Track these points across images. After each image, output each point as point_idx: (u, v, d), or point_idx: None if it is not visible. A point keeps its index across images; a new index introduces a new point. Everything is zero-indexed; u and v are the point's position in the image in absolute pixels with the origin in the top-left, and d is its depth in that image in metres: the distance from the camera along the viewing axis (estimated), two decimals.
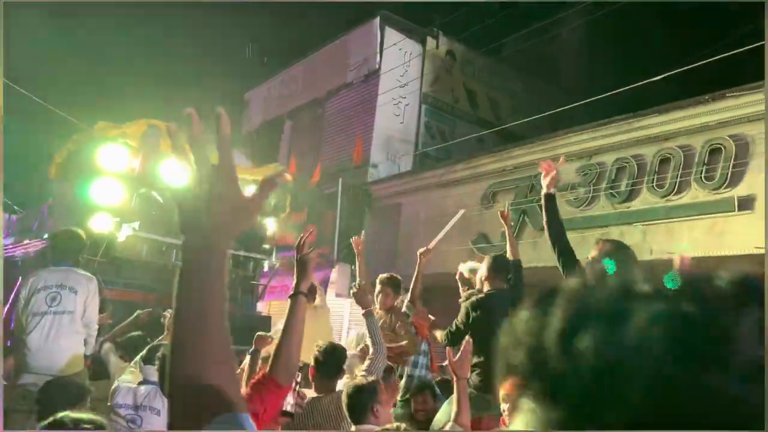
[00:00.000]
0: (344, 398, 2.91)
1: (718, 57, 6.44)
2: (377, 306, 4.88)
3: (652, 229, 6.99)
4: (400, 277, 5.25)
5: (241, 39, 15.76)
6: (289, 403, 2.17)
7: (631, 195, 7.23)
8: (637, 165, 7.24)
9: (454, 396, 2.85)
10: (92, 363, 4.90)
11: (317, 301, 5.59)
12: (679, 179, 6.78)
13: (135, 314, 5.56)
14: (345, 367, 3.36)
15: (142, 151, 6.65)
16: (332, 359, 3.26)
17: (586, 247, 7.65)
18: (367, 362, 3.25)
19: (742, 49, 6.15)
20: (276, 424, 2.16)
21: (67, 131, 7.06)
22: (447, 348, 3.01)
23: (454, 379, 2.85)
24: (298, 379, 2.20)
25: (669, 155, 6.97)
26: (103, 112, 7.59)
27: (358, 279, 4.85)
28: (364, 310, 3.55)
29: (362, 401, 2.83)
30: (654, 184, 7.01)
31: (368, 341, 3.40)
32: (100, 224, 6.27)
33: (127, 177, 6.47)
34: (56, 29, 11.99)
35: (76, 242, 4.94)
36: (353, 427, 2.86)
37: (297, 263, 2.37)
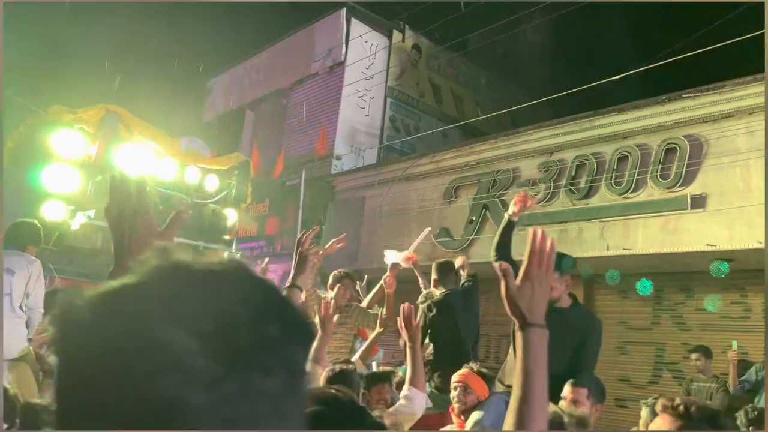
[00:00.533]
0: (328, 378, 2.87)
1: (676, 58, 6.61)
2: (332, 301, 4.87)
3: (609, 225, 7.15)
4: (348, 271, 5.25)
5: (203, 25, 15.43)
6: None
7: (590, 192, 7.38)
8: (597, 162, 7.39)
9: (408, 362, 2.88)
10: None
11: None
12: (636, 177, 6.95)
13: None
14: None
15: (99, 137, 6.47)
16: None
17: None
18: None
19: (699, 51, 6.33)
20: None
21: (19, 114, 6.79)
22: (398, 318, 3.02)
23: (407, 345, 2.85)
24: None
25: (627, 153, 7.13)
26: (58, 96, 7.33)
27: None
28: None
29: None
30: (612, 181, 7.17)
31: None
32: (52, 212, 6.07)
33: (82, 164, 6.28)
34: (12, 11, 11.51)
35: (29, 229, 4.92)
36: None
37: (297, 257, 2.32)
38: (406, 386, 2.87)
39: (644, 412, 3.65)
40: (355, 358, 3.65)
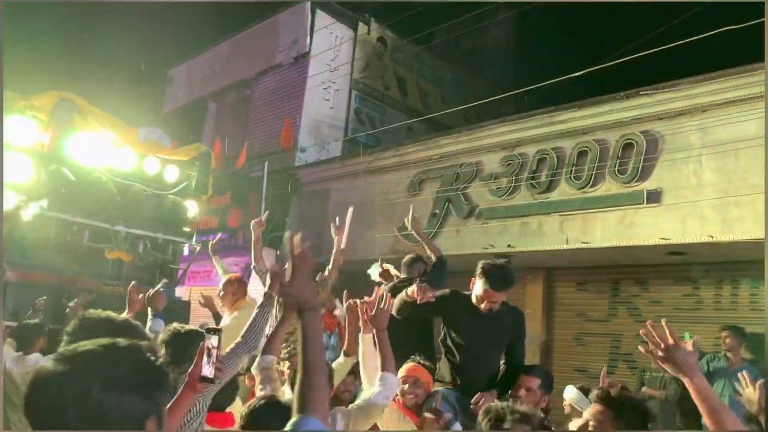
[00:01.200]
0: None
1: (634, 57, 6.75)
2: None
3: (568, 219, 7.28)
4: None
5: (165, 14, 15.09)
6: (206, 368, 2.08)
7: (550, 186, 7.50)
8: (557, 157, 7.51)
9: (378, 348, 2.91)
10: None
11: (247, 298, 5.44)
12: (594, 172, 7.09)
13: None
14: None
15: (52, 124, 6.28)
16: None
17: (507, 236, 7.91)
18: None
19: (655, 50, 6.48)
20: (194, 391, 2.10)
21: None
22: (360, 303, 3.04)
23: (374, 332, 2.90)
24: (215, 344, 2.10)
25: (586, 148, 7.27)
26: (10, 82, 7.07)
27: (253, 263, 4.78)
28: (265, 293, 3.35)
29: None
30: (572, 176, 7.29)
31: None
32: (3, 201, 5.87)
33: (35, 152, 6.10)
34: None
35: None
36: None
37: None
38: (378, 374, 2.88)
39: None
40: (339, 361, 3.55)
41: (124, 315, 3.21)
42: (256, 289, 5.81)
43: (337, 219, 4.76)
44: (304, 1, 12.02)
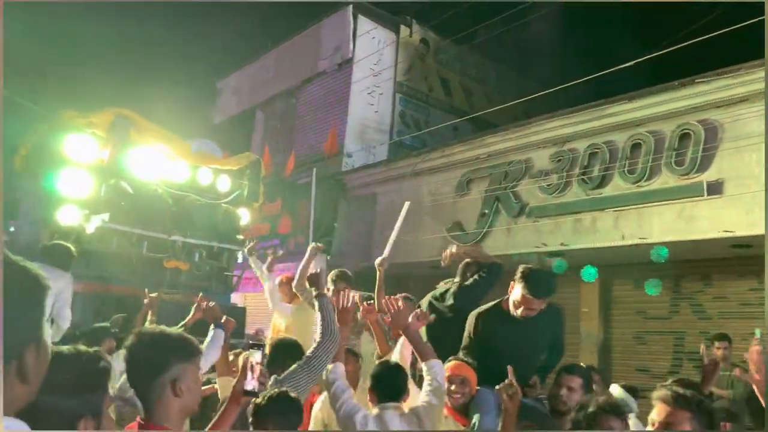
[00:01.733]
0: (378, 373, 2.97)
1: (687, 43, 6.51)
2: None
3: (623, 214, 7.08)
4: (349, 272, 5.21)
5: (212, 27, 15.49)
6: (250, 382, 2.13)
7: (603, 181, 7.31)
8: (609, 151, 7.31)
9: (410, 345, 3.07)
10: None
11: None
12: (650, 165, 6.86)
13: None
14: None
15: (110, 140, 6.52)
16: (389, 378, 3.02)
17: (559, 234, 7.75)
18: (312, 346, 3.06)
19: (710, 35, 6.22)
20: (237, 405, 2.13)
21: (32, 121, 6.86)
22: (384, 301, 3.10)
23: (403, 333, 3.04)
24: (259, 358, 2.16)
25: (640, 141, 7.05)
26: (69, 101, 7.38)
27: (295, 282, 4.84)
28: (317, 293, 3.40)
29: (400, 381, 2.95)
30: (625, 169, 7.08)
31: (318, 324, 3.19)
32: (68, 216, 6.13)
33: (95, 167, 6.34)
34: (22, 16, 11.63)
35: (62, 249, 4.99)
36: (376, 407, 2.88)
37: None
38: (421, 366, 2.93)
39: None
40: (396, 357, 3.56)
41: (178, 327, 3.30)
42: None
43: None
44: (346, 6, 12.11)
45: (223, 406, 2.14)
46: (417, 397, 2.99)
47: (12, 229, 6.85)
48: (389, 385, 2.95)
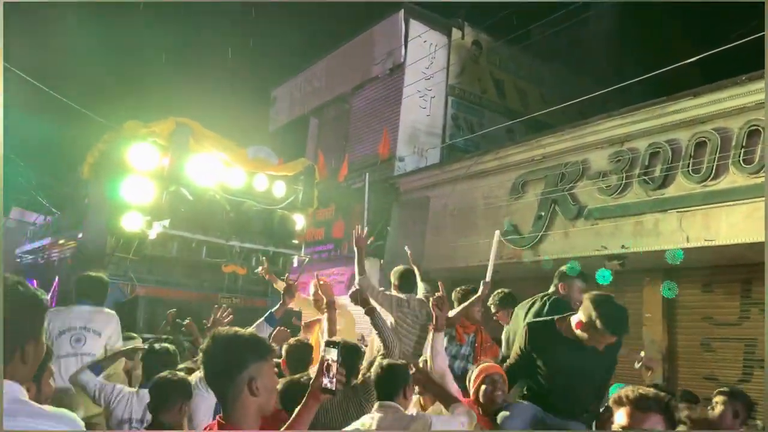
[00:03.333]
0: (377, 373, 3.06)
1: (753, 36, 6.19)
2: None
3: (688, 215, 6.78)
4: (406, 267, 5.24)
5: (266, 36, 15.82)
6: (329, 380, 2.09)
7: (665, 181, 7.03)
8: (672, 150, 7.03)
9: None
10: None
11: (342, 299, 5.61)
12: (716, 163, 6.56)
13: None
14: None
15: (171, 148, 6.73)
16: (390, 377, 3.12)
17: (620, 237, 7.51)
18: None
19: None
20: (317, 401, 2.12)
21: (98, 131, 7.17)
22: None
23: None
24: (335, 357, 2.11)
25: (705, 139, 6.75)
26: (132, 111, 7.68)
27: (357, 278, 4.79)
28: (365, 309, 3.51)
29: (396, 380, 3.02)
30: (689, 169, 6.79)
31: (377, 339, 3.32)
32: (131, 223, 6.36)
33: (156, 175, 6.55)
34: (83, 28, 12.19)
35: (99, 283, 4.81)
36: (376, 404, 2.98)
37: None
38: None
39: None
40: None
41: (251, 329, 3.38)
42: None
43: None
44: (397, 11, 12.14)
45: (301, 404, 2.13)
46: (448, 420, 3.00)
47: (80, 236, 7.16)
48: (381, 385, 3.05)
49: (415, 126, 12.05)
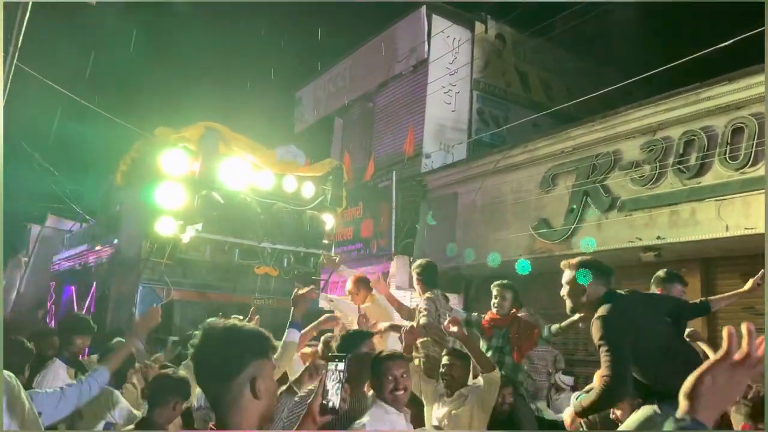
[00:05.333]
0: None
1: None
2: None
3: (726, 203, 6.62)
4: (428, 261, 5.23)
5: (288, 36, 15.92)
6: (331, 399, 1.85)
7: (701, 169, 6.87)
8: (707, 137, 6.86)
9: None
10: None
11: (374, 292, 5.66)
12: (754, 150, 6.38)
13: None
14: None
15: (201, 153, 6.79)
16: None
17: (655, 228, 7.36)
18: None
19: None
20: (314, 423, 1.86)
21: (129, 139, 7.27)
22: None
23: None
24: (342, 368, 1.88)
25: (742, 125, 6.57)
26: (162, 117, 7.78)
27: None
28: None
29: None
30: (726, 156, 6.63)
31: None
32: (165, 227, 6.43)
33: (188, 180, 6.62)
34: (110, 37, 12.38)
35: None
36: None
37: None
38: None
39: None
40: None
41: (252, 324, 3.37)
42: None
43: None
44: (419, 6, 12.08)
45: (297, 425, 1.90)
46: None
47: (115, 241, 7.29)
48: None
49: (441, 122, 11.99)
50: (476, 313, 5.23)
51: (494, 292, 5.11)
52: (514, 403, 4.36)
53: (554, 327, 4.85)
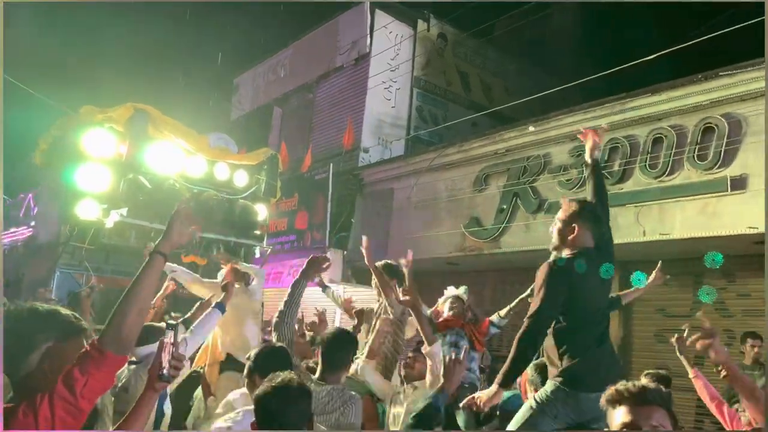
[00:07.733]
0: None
1: (711, 36, 6.36)
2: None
3: (644, 209, 6.96)
4: (394, 263, 5.19)
5: (230, 24, 15.53)
6: (164, 366, 1.98)
7: (623, 176, 7.19)
8: (630, 145, 7.19)
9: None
10: None
11: (253, 283, 5.57)
12: (672, 159, 6.74)
13: None
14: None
15: (128, 135, 6.53)
16: (339, 347, 3.21)
17: None
18: None
19: (735, 27, 6.08)
20: (154, 392, 2.01)
21: (51, 117, 6.91)
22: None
23: None
24: (172, 339, 2.01)
25: (662, 135, 6.92)
26: (88, 96, 7.43)
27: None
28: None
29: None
30: (647, 164, 6.96)
31: None
32: (87, 211, 6.16)
33: (113, 162, 6.35)
34: (39, 13, 11.76)
35: None
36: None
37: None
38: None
39: None
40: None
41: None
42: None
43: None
44: (364, 1, 12.07)
45: (140, 395, 2.03)
46: None
47: (32, 223, 6.93)
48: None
49: (380, 117, 12.03)
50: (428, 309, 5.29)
51: (449, 302, 5.17)
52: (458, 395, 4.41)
53: (503, 311, 4.97)
